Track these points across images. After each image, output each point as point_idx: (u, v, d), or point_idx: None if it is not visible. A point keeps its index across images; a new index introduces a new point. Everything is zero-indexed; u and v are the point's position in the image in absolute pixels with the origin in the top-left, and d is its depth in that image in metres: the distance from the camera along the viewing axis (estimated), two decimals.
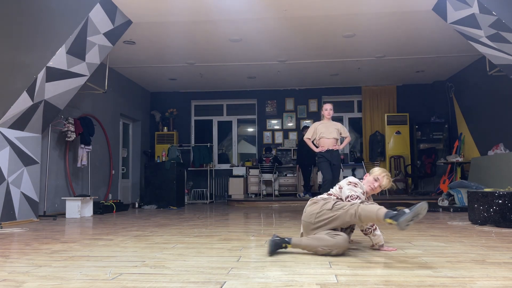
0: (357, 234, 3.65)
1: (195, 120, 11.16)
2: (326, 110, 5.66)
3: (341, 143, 5.77)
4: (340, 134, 5.68)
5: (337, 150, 5.61)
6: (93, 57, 5.74)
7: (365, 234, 2.82)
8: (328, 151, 5.52)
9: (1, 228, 4.60)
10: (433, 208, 6.19)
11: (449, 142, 9.88)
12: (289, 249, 2.76)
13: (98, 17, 5.35)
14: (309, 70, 9.12)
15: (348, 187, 2.81)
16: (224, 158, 11.25)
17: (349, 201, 2.71)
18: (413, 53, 7.99)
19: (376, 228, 2.80)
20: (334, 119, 5.92)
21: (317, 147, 5.64)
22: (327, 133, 5.56)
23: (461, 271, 2.17)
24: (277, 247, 2.69)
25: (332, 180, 5.35)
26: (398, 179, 9.53)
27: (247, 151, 11.31)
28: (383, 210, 2.47)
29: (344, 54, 7.99)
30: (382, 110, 10.42)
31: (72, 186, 7.15)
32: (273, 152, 10.27)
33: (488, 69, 6.63)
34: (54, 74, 5.33)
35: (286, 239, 2.72)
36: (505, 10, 4.76)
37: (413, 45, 7.53)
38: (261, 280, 2.01)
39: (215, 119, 11.17)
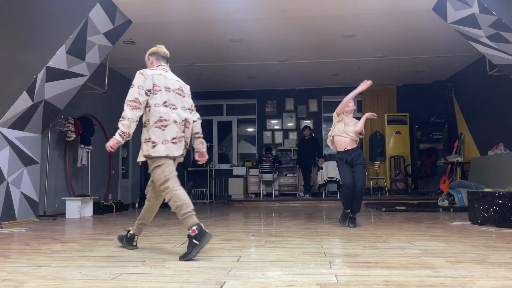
0: (358, 235, 3.65)
1: None
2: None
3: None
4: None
5: (357, 148, 4.55)
6: (93, 57, 5.74)
7: None
8: (346, 151, 4.50)
9: (1, 228, 4.60)
10: (433, 208, 6.18)
11: (449, 142, 9.88)
12: (287, 244, 2.75)
13: (98, 17, 5.35)
14: (309, 70, 9.12)
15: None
16: (224, 158, 11.25)
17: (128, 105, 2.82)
18: (413, 53, 7.99)
19: None
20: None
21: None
22: (344, 132, 4.56)
23: (461, 271, 2.17)
24: None
25: (354, 185, 4.36)
26: (398, 179, 9.53)
27: (247, 151, 11.31)
28: (194, 220, 2.64)
29: (344, 54, 7.99)
30: (382, 110, 10.41)
31: (72, 186, 7.15)
32: (273, 152, 10.26)
33: (488, 69, 6.63)
34: (54, 74, 5.33)
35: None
36: (505, 10, 4.76)
37: (413, 45, 7.53)
38: (261, 280, 2.01)
39: (215, 119, 11.17)
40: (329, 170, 8.81)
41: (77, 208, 6.15)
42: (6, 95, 5.10)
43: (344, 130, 4.54)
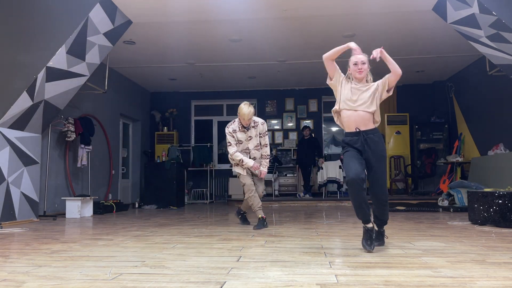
0: (358, 235, 3.65)
1: (195, 120, 11.15)
2: (356, 64, 3.24)
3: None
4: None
5: (375, 130, 2.97)
6: (93, 57, 5.74)
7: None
8: (358, 133, 2.95)
9: (1, 228, 4.60)
10: (433, 208, 6.18)
11: (449, 142, 9.88)
12: (287, 244, 2.75)
13: (98, 17, 5.35)
14: (309, 70, 9.11)
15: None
16: (224, 158, 11.24)
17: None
18: (413, 53, 7.99)
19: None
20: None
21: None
22: (352, 100, 3.10)
23: (461, 271, 2.17)
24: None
25: (373, 192, 2.90)
26: (398, 179, 9.53)
27: None
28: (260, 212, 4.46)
29: (344, 54, 7.94)
30: (382, 110, 10.39)
31: (72, 186, 7.15)
32: (273, 152, 10.26)
33: (488, 69, 6.62)
34: (54, 74, 5.33)
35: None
36: (505, 10, 4.76)
37: (413, 45, 7.53)
38: (261, 280, 2.01)
39: (215, 119, 11.16)
40: (329, 170, 8.81)
41: (77, 208, 6.15)
42: (6, 95, 5.10)
43: (352, 98, 3.01)
